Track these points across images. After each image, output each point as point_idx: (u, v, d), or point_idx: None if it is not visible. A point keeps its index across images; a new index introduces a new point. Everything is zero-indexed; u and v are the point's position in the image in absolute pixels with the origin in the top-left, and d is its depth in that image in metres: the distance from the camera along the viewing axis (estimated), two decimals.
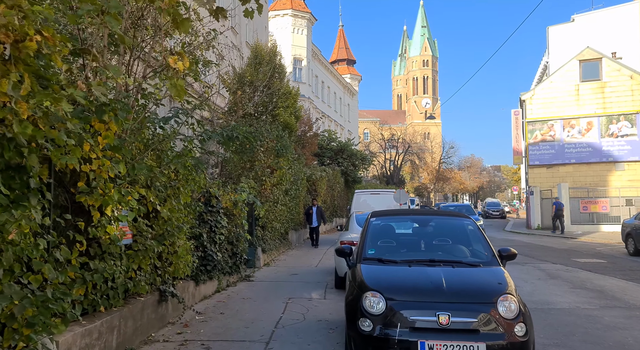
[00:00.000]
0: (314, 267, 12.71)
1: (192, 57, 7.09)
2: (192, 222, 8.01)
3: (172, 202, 6.38)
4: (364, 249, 5.38)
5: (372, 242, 5.53)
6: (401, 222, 6.14)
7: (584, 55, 26.98)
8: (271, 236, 14.09)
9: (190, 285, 7.80)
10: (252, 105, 17.34)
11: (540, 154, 27.77)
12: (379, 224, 5.87)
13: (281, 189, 14.37)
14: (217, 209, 9.17)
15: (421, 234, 5.73)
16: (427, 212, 7.06)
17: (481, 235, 5.49)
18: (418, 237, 5.67)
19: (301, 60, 43.13)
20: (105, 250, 4.83)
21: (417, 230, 5.86)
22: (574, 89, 27.13)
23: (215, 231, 8.96)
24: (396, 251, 5.46)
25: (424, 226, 5.87)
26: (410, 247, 5.56)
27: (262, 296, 8.74)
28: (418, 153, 62.23)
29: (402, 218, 6.36)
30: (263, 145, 13.08)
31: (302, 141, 22.81)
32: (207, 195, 9.07)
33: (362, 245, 5.45)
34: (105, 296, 4.91)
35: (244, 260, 10.48)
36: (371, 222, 5.86)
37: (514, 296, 4.41)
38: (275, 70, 19.12)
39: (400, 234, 5.94)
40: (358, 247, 5.71)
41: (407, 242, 5.69)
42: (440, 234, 5.70)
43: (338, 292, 9.18)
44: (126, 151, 4.81)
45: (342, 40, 67.15)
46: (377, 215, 6.12)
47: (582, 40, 29.58)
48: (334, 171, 27.73)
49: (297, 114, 20.34)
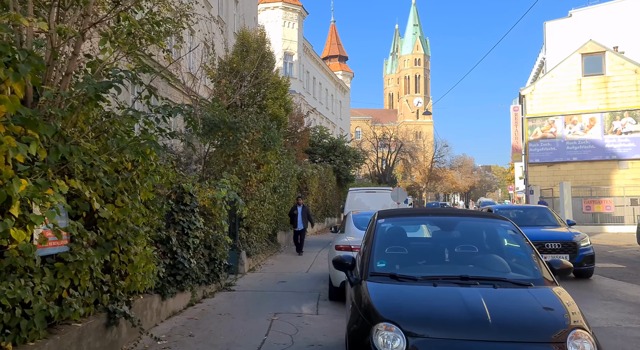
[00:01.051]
0: (304, 274, 11.37)
1: (151, 18, 5.70)
2: (158, 224, 6.65)
3: (125, 199, 5.01)
4: (371, 261, 4.04)
5: (382, 251, 4.19)
6: (417, 224, 4.77)
7: (587, 48, 25.88)
8: (257, 238, 12.73)
9: (155, 300, 6.42)
10: (238, 96, 15.96)
11: (540, 151, 26.62)
12: (388, 227, 4.52)
13: (269, 185, 13.01)
14: (191, 207, 7.81)
15: (444, 240, 4.38)
16: (448, 212, 5.64)
17: (524, 242, 4.16)
18: (441, 245, 4.33)
19: (292, 54, 41.72)
20: (12, 264, 3.45)
21: (438, 235, 4.51)
22: (576, 84, 26.01)
23: (188, 234, 7.59)
24: (413, 263, 4.14)
25: (447, 230, 4.51)
26: (432, 257, 4.23)
27: (243, 311, 7.39)
28: (411, 152, 61.04)
29: (417, 219, 4.95)
30: (248, 137, 11.71)
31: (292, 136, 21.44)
32: (178, 192, 7.70)
33: (369, 256, 4.11)
34: (9, 329, 3.52)
35: (224, 267, 9.12)
36: (379, 224, 4.50)
37: (587, 332, 3.12)
38: (264, 58, 17.74)
39: (416, 240, 4.60)
40: (362, 258, 4.40)
41: (427, 251, 4.35)
42: (469, 240, 4.37)
43: (333, 305, 7.86)
44: (45, 128, 3.44)
45: (334, 36, 65.78)
46: (386, 215, 4.77)
47: (581, 36, 28.54)
48: (326, 169, 26.39)
49: (287, 107, 18.96)
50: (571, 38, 29.95)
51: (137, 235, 5.35)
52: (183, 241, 7.46)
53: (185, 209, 7.69)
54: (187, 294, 7.57)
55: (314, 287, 9.48)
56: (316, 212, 24.21)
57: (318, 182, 23.46)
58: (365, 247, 4.77)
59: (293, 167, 17.94)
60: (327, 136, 32.52)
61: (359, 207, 17.07)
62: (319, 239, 20.20)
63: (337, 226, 11.04)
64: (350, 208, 17.27)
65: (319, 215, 25.00)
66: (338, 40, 65.13)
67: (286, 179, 15.59)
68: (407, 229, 4.71)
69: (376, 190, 17.75)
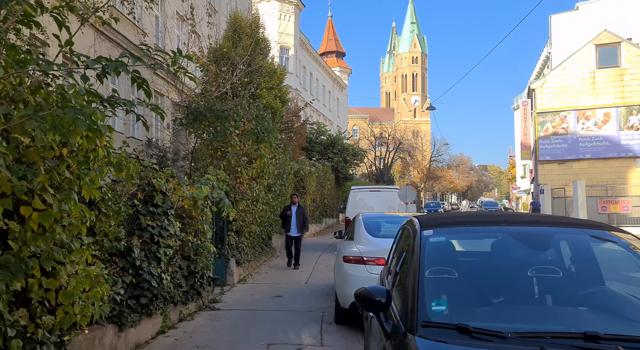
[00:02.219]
0: (303, 285, 9.81)
1: None
2: (115, 231, 5.07)
3: (49, 199, 3.43)
4: (421, 300, 2.46)
5: (437, 284, 2.63)
6: (487, 238, 3.11)
7: (601, 39, 24.39)
8: (249, 243, 11.16)
9: (107, 333, 4.84)
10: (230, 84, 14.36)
11: (551, 148, 25.12)
12: (441, 243, 2.95)
13: (262, 183, 11.43)
14: (164, 209, 6.24)
15: (534, 265, 2.78)
16: (532, 219, 3.82)
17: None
18: (530, 274, 2.72)
19: (288, 48, 40.12)
20: None
21: (523, 256, 2.90)
22: (590, 77, 24.52)
23: (159, 242, 6.02)
24: (490, 303, 2.58)
25: (538, 249, 2.93)
26: (518, 295, 2.65)
27: (228, 341, 5.82)
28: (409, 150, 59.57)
29: (485, 231, 3.17)
30: (238, 127, 10.13)
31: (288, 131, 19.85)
32: (147, 190, 6.13)
33: (415, 291, 2.53)
34: None
35: (207, 280, 7.56)
36: (425, 239, 2.89)
37: None
38: (258, 44, 16.15)
39: (489, 265, 2.97)
40: (398, 290, 2.85)
41: (509, 283, 2.73)
42: (571, 267, 2.79)
43: (340, 330, 6.31)
44: None
45: (331, 32, 64.11)
46: (433, 224, 3.16)
47: (588, 29, 27.09)
48: (325, 166, 24.82)
49: (283, 98, 17.36)
50: (578, 31, 28.48)
51: (72, 251, 3.78)
52: (152, 252, 5.89)
53: (156, 211, 6.12)
54: (157, 318, 5.99)
55: (316, 304, 7.93)
56: (314, 213, 22.65)
57: (316, 181, 21.91)
58: (400, 272, 3.19)
59: (290, 163, 16.37)
60: (325, 133, 30.90)
61: (362, 207, 15.51)
62: (318, 242, 18.63)
63: (342, 231, 9.45)
64: (352, 209, 15.71)
65: (316, 216, 23.43)
66: (335, 35, 63.47)
67: (282, 177, 14.02)
68: (471, 247, 3.15)
69: (381, 189, 16.16)
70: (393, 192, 15.58)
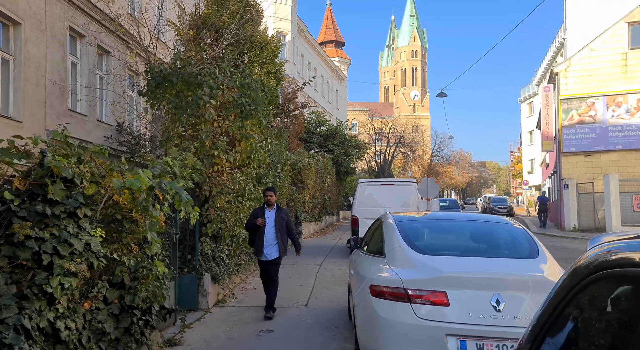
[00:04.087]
0: (302, 309, 7.22)
1: None
2: None
3: None
4: None
5: None
6: None
7: (634, 16, 21.81)
8: (231, 252, 8.54)
9: None
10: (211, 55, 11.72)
11: (577, 138, 22.56)
12: None
13: (249, 173, 8.83)
14: (66, 207, 3.64)
15: None
16: None
17: None
18: None
19: (285, 34, 37.40)
20: None
21: None
22: (621, 58, 21.94)
23: (51, 265, 3.41)
24: None
25: None
26: None
27: None
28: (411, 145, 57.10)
29: None
30: (215, 97, 7.49)
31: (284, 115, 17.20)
32: (35, 174, 3.53)
33: None
34: None
35: (159, 315, 4.97)
36: None
37: None
38: (247, 10, 13.50)
39: None
40: None
41: None
42: None
43: None
44: None
45: (330, 20, 61.25)
46: None
47: (607, 13, 24.48)
48: (325, 159, 22.20)
49: (278, 74, 14.70)
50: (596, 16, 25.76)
51: None
52: (34, 285, 3.29)
53: (52, 211, 3.52)
54: None
55: (321, 340, 5.34)
56: (313, 210, 20.05)
57: (315, 174, 19.30)
58: None
59: (286, 152, 13.77)
60: (325, 123, 28.23)
61: (371, 203, 12.95)
62: (318, 244, 16.02)
63: (356, 238, 6.56)
64: (360, 206, 13.15)
65: (316, 213, 20.83)
66: (334, 24, 60.62)
67: (276, 167, 11.42)
68: None
69: (395, 183, 13.52)
70: (409, 186, 12.99)
